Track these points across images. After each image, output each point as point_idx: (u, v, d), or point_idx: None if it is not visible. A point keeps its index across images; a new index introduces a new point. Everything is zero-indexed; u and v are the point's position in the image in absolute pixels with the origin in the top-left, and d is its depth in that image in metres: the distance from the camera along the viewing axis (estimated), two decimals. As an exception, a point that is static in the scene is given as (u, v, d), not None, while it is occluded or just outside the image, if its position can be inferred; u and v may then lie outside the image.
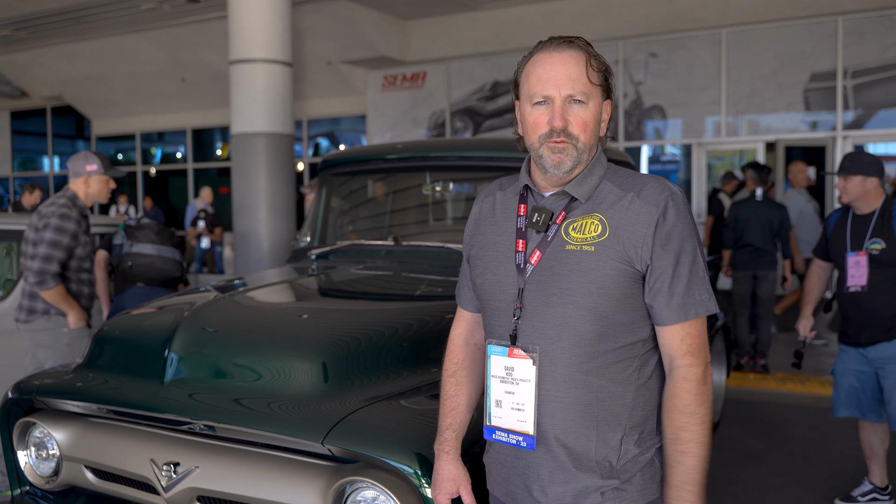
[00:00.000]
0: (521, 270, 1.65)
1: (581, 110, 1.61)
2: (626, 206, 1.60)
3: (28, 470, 2.54)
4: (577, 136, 1.61)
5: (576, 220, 1.63)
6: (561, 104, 1.60)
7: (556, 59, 1.61)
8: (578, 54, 1.62)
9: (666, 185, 1.63)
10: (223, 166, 16.13)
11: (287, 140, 9.39)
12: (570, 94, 1.60)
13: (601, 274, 1.57)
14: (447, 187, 3.65)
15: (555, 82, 1.60)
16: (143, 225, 4.90)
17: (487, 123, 13.29)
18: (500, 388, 1.67)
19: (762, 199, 6.71)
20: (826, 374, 6.57)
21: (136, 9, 12.68)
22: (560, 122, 1.59)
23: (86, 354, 2.59)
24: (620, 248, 1.57)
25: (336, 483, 1.92)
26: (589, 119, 1.62)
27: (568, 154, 1.61)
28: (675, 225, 1.59)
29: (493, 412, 1.69)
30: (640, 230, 1.58)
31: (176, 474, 2.14)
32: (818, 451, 4.99)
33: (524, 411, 1.63)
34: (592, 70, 1.61)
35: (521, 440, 1.64)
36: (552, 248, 1.63)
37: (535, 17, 12.39)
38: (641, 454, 1.64)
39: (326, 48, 13.01)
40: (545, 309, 1.61)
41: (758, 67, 11.20)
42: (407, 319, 2.55)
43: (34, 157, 19.82)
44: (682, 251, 1.60)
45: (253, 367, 2.22)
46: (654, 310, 1.61)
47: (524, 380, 1.63)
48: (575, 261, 1.59)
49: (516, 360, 1.64)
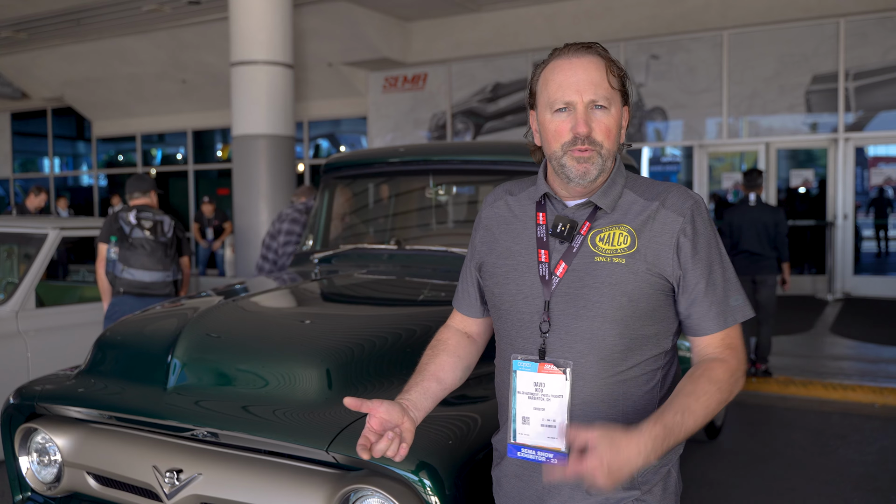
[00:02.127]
0: (547, 282, 1.60)
1: (604, 116, 1.57)
2: (653, 216, 1.58)
3: (30, 476, 2.52)
4: (602, 143, 1.57)
5: (602, 231, 1.59)
6: (584, 110, 1.56)
7: (577, 64, 1.58)
8: (598, 59, 1.59)
9: (688, 193, 1.62)
10: (224, 168, 16.12)
11: (288, 142, 9.39)
12: (592, 100, 1.56)
13: (633, 287, 1.54)
14: (450, 191, 3.64)
15: (577, 87, 1.56)
16: (135, 243, 4.82)
17: (489, 125, 13.28)
18: (529, 404, 1.60)
19: (755, 204, 6.70)
20: (829, 378, 6.56)
21: (137, 10, 12.68)
22: (584, 128, 1.55)
23: (88, 360, 2.57)
24: (652, 259, 1.55)
25: (340, 490, 1.91)
26: (612, 125, 1.58)
27: (593, 163, 1.57)
28: (702, 233, 1.58)
29: (520, 429, 1.61)
30: (668, 241, 1.56)
31: (179, 481, 2.13)
32: (821, 454, 4.97)
33: (555, 427, 1.57)
34: (613, 75, 1.59)
35: (551, 457, 1.58)
36: (579, 259, 1.59)
37: (537, 19, 12.39)
38: (662, 466, 1.61)
39: (327, 49, 13.01)
40: (574, 322, 1.57)
41: (759, 69, 11.19)
42: (411, 325, 2.53)
43: (35, 159, 19.82)
44: (712, 259, 1.59)
45: (257, 374, 2.20)
46: (692, 320, 1.59)
47: (556, 395, 1.57)
48: (606, 273, 1.56)
49: (547, 376, 1.58)
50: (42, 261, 5.09)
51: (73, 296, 6.57)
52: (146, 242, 4.83)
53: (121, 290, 4.82)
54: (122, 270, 4.82)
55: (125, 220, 4.89)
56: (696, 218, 1.58)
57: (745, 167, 11.87)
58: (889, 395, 6.11)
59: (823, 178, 11.30)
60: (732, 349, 1.59)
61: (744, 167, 11.91)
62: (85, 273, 6.20)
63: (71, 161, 19.48)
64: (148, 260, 4.82)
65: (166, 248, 4.90)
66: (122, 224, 4.89)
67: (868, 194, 11.83)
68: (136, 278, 4.81)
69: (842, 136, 10.84)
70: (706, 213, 1.61)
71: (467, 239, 3.48)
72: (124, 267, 4.81)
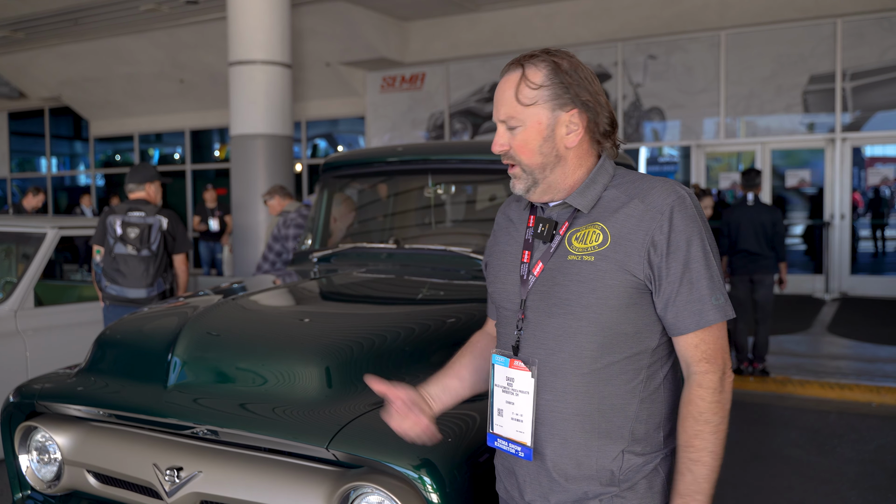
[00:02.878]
0: (524, 282, 1.65)
1: (517, 132, 1.59)
2: (629, 213, 1.56)
3: (29, 474, 2.52)
4: (519, 159, 1.61)
5: (579, 230, 1.61)
6: (501, 129, 1.61)
7: (501, 83, 1.62)
8: (514, 75, 1.59)
9: (673, 188, 1.58)
10: (221, 167, 16.12)
11: (286, 142, 9.39)
12: (501, 119, 1.60)
13: (600, 284, 1.54)
14: (449, 190, 3.65)
15: (495, 107, 1.62)
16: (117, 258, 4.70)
17: (486, 125, 13.29)
18: (502, 397, 1.68)
19: (753, 204, 6.73)
20: (826, 377, 6.57)
21: (135, 10, 12.68)
22: (496, 147, 1.62)
23: (88, 358, 2.57)
24: (621, 256, 1.54)
25: (340, 488, 1.92)
26: (528, 138, 1.59)
27: (518, 178, 1.63)
28: (681, 230, 1.53)
29: (496, 420, 1.70)
30: (641, 237, 1.53)
31: (179, 479, 2.13)
32: (819, 453, 4.99)
33: (522, 422, 1.63)
34: (526, 88, 1.57)
35: (518, 450, 1.65)
36: (555, 259, 1.62)
37: (535, 19, 12.40)
38: (645, 464, 1.61)
39: (325, 49, 13.01)
40: (547, 320, 1.60)
41: (757, 69, 11.22)
42: (410, 323, 2.54)
43: (32, 159, 19.80)
44: (690, 257, 1.54)
45: (257, 372, 2.21)
46: (666, 319, 1.57)
47: (523, 391, 1.63)
48: (575, 271, 1.57)
49: (516, 372, 1.64)
50: (41, 260, 5.09)
51: (71, 295, 6.57)
52: (129, 259, 4.70)
53: (107, 301, 4.78)
54: (105, 285, 4.77)
55: (111, 229, 4.76)
56: (675, 215, 1.54)
57: (742, 167, 11.89)
58: (886, 393, 6.12)
59: (821, 177, 11.32)
60: (710, 362, 1.55)
61: (741, 167, 11.93)
62: (83, 272, 6.19)
63: (68, 161, 19.47)
64: (130, 278, 4.71)
65: (149, 263, 4.73)
66: (109, 233, 4.77)
67: (866, 194, 11.85)
68: (119, 294, 4.73)
69: (839, 136, 10.86)
70: (691, 209, 1.56)
71: (466, 238, 3.50)
72: (108, 283, 4.75)
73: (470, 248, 3.20)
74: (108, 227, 4.79)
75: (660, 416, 1.63)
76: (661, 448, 1.63)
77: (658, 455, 1.63)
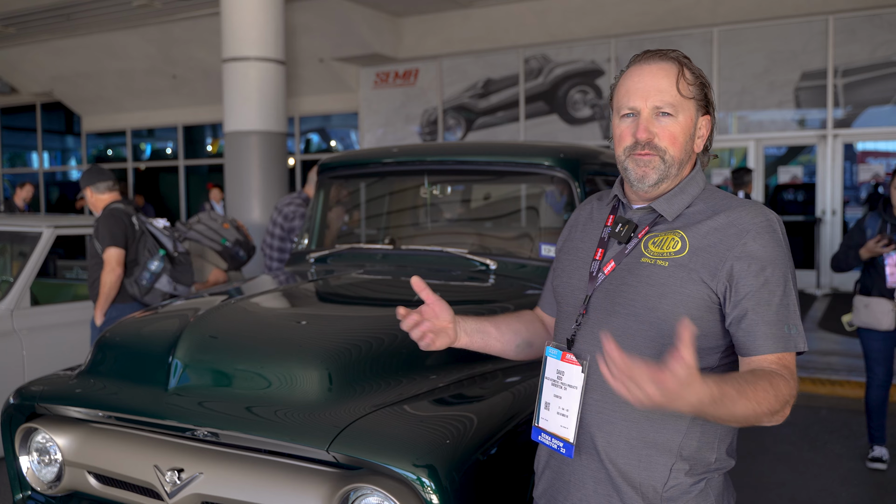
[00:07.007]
0: (593, 278, 1.64)
1: (669, 122, 1.56)
2: (713, 226, 1.54)
3: (30, 475, 2.54)
4: (665, 149, 1.57)
5: (657, 236, 1.59)
6: (647, 116, 1.56)
7: (646, 70, 1.58)
8: (669, 65, 1.58)
9: (762, 210, 1.55)
10: (214, 163, 16.09)
11: (280, 138, 9.38)
12: (657, 106, 1.55)
13: (669, 290, 1.51)
14: (445, 191, 3.67)
15: (642, 94, 1.56)
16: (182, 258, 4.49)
17: (480, 121, 13.30)
18: (551, 390, 1.66)
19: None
20: (817, 373, 6.63)
21: (127, 5, 12.62)
22: (644, 134, 1.56)
23: (88, 360, 2.59)
24: (697, 266, 1.51)
25: (340, 490, 1.94)
26: (678, 132, 1.57)
27: (653, 167, 1.57)
28: (765, 253, 1.50)
29: (542, 413, 1.68)
30: (723, 252, 1.50)
31: (180, 480, 2.16)
32: (810, 449, 5.04)
33: (568, 417, 1.61)
34: (685, 82, 1.57)
35: (560, 446, 1.63)
36: (628, 260, 1.60)
37: (528, 15, 12.40)
38: (694, 484, 1.56)
39: (319, 45, 12.99)
40: (607, 318, 1.58)
41: (749, 66, 11.25)
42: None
43: (23, 154, 19.71)
44: (770, 280, 1.49)
45: (257, 374, 2.23)
46: (737, 337, 1.51)
47: (572, 385, 1.61)
48: (646, 274, 1.55)
49: (567, 366, 1.63)
50: (37, 259, 5.09)
51: (67, 294, 6.56)
52: (185, 257, 4.57)
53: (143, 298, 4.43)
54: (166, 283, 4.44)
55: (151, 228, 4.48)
56: (761, 235, 1.50)
57: (734, 163, 11.93)
58: (876, 389, 6.17)
59: (812, 173, 11.38)
60: (791, 371, 1.48)
61: (733, 162, 11.97)
62: (78, 271, 6.18)
63: (60, 156, 19.39)
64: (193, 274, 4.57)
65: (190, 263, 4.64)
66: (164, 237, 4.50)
67: (857, 190, 11.90)
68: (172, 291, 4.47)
69: (830, 133, 10.92)
70: (779, 234, 1.53)
71: (463, 238, 3.53)
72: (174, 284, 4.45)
73: (466, 249, 3.22)
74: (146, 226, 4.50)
75: (713, 437, 1.58)
76: (710, 470, 1.58)
77: (707, 477, 1.57)
